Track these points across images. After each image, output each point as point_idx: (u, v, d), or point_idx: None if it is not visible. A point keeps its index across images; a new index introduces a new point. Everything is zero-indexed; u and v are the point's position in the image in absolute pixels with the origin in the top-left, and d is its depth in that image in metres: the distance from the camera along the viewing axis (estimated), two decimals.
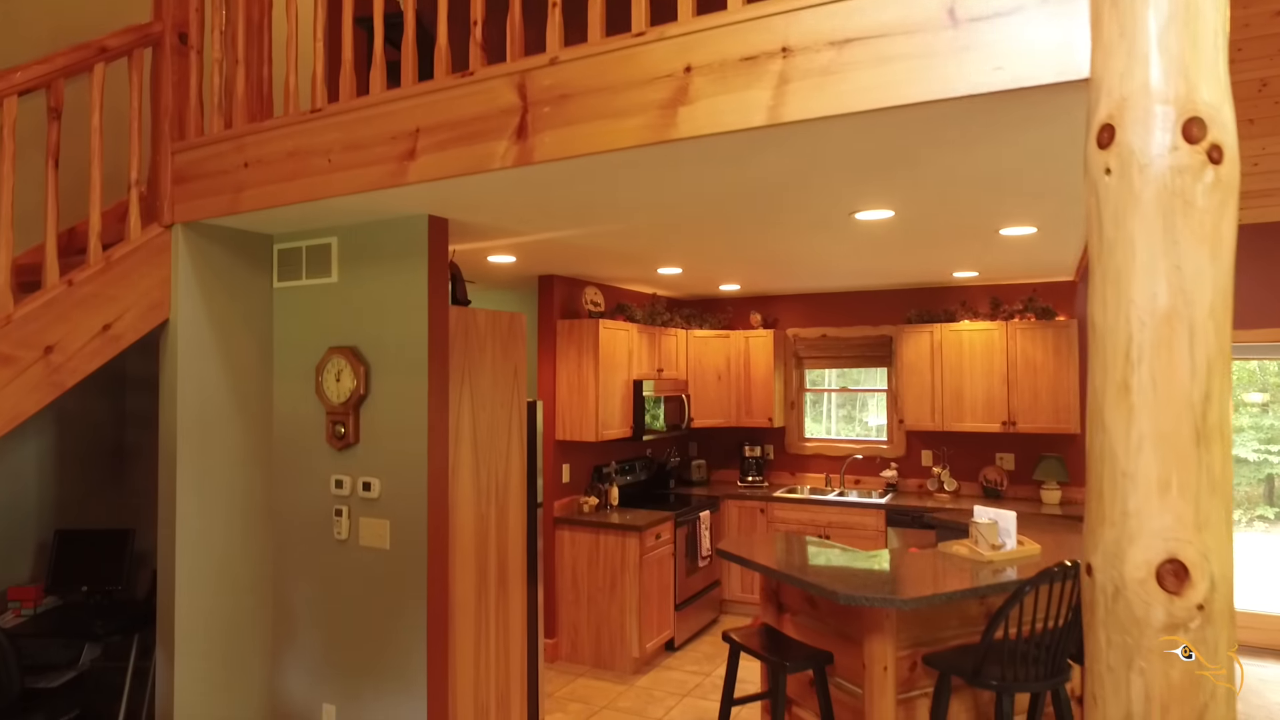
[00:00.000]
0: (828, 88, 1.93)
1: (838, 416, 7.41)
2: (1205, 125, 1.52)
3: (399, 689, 3.08)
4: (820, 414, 7.15)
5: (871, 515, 5.30)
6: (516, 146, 2.36)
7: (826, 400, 6.38)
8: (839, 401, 6.61)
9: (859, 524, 5.33)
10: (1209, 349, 1.51)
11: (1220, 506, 1.52)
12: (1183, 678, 1.51)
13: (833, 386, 6.30)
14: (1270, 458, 12.30)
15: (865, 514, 5.32)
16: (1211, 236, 1.52)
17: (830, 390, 6.31)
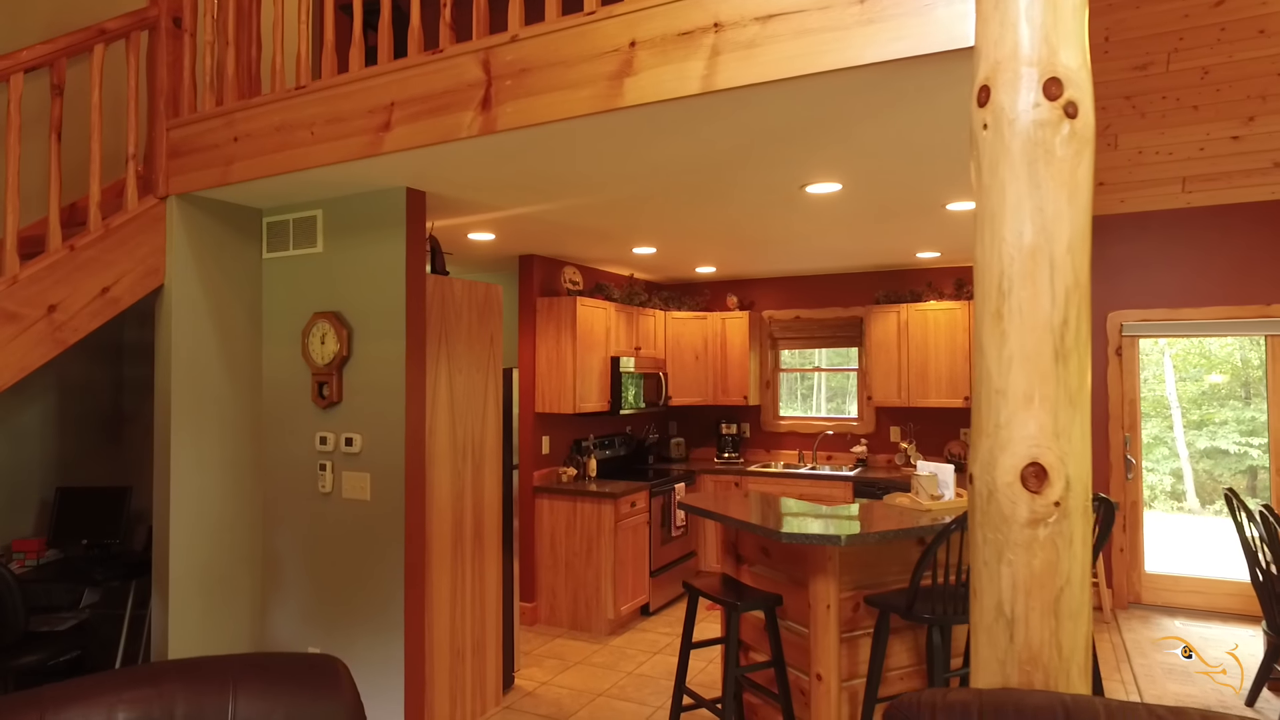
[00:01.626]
0: (753, 59, 2.16)
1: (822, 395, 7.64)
2: (1063, 84, 1.74)
3: (378, 630, 3.30)
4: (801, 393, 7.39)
5: (840, 488, 5.52)
6: (481, 117, 2.58)
7: (816, 380, 6.61)
8: (819, 380, 6.84)
9: (828, 496, 5.55)
10: (1066, 280, 1.74)
11: (1077, 417, 1.74)
12: (1043, 566, 1.74)
13: (808, 366, 6.53)
14: (1250, 450, 12.53)
15: (834, 486, 5.55)
16: (1070, 182, 1.75)
17: (804, 370, 6.54)
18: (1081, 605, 1.75)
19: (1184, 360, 10.75)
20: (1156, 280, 5.21)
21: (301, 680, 1.59)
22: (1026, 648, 1.75)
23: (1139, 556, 5.28)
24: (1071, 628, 1.75)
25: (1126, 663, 4.29)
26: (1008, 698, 1.53)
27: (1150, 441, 11.86)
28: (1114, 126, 4.93)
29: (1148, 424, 11.96)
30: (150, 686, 1.50)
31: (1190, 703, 3.76)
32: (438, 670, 3.46)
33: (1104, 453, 5.31)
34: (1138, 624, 4.94)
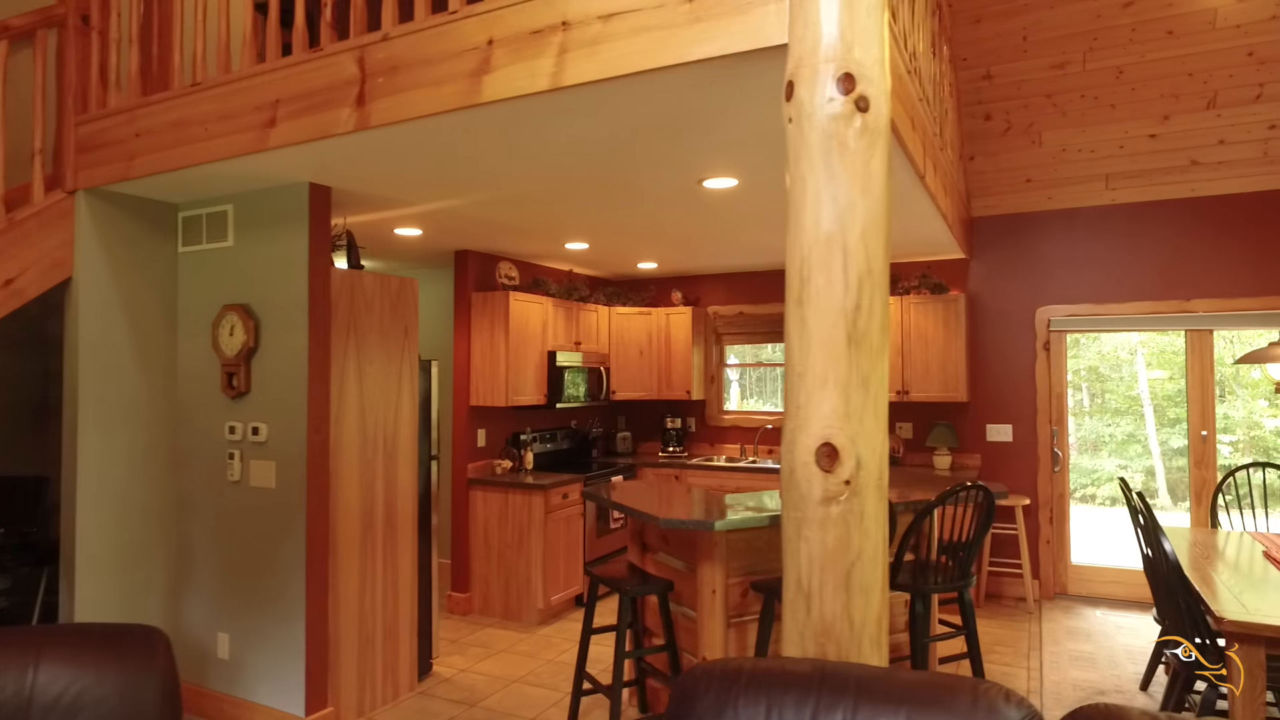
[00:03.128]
0: (597, 56, 2.24)
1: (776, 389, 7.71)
2: (855, 80, 1.82)
3: (281, 616, 3.38)
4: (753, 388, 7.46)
5: (776, 480, 5.60)
6: (357, 113, 2.66)
7: (765, 374, 6.68)
8: (766, 376, 6.91)
9: (765, 488, 5.62)
10: (859, 267, 1.82)
11: (868, 399, 1.82)
12: (835, 542, 1.82)
13: (750, 361, 6.60)
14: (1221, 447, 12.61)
15: (770, 479, 5.63)
16: (863, 173, 1.83)
17: (746, 365, 6.62)
18: (873, 580, 1.83)
19: (1161, 358, 10.85)
20: (1083, 276, 5.30)
21: (113, 652, 1.65)
22: (821, 620, 1.82)
23: (1065, 548, 5.37)
24: (863, 602, 1.82)
25: (1037, 651, 4.37)
26: (775, 665, 1.61)
27: (1124, 439, 11.95)
28: (1037, 124, 5.01)
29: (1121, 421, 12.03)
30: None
31: (1088, 687, 3.84)
32: (344, 655, 3.53)
33: (1032, 446, 5.40)
34: (1060, 614, 5.02)
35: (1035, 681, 3.93)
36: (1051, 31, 4.60)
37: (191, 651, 3.65)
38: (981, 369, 5.56)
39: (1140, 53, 4.52)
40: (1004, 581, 5.42)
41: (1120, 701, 3.66)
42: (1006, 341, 5.50)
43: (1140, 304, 5.13)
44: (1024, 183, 5.33)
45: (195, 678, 3.63)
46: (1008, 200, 5.45)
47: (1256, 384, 12.07)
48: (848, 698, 1.48)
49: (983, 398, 5.54)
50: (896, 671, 1.53)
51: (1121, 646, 4.39)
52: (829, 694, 1.50)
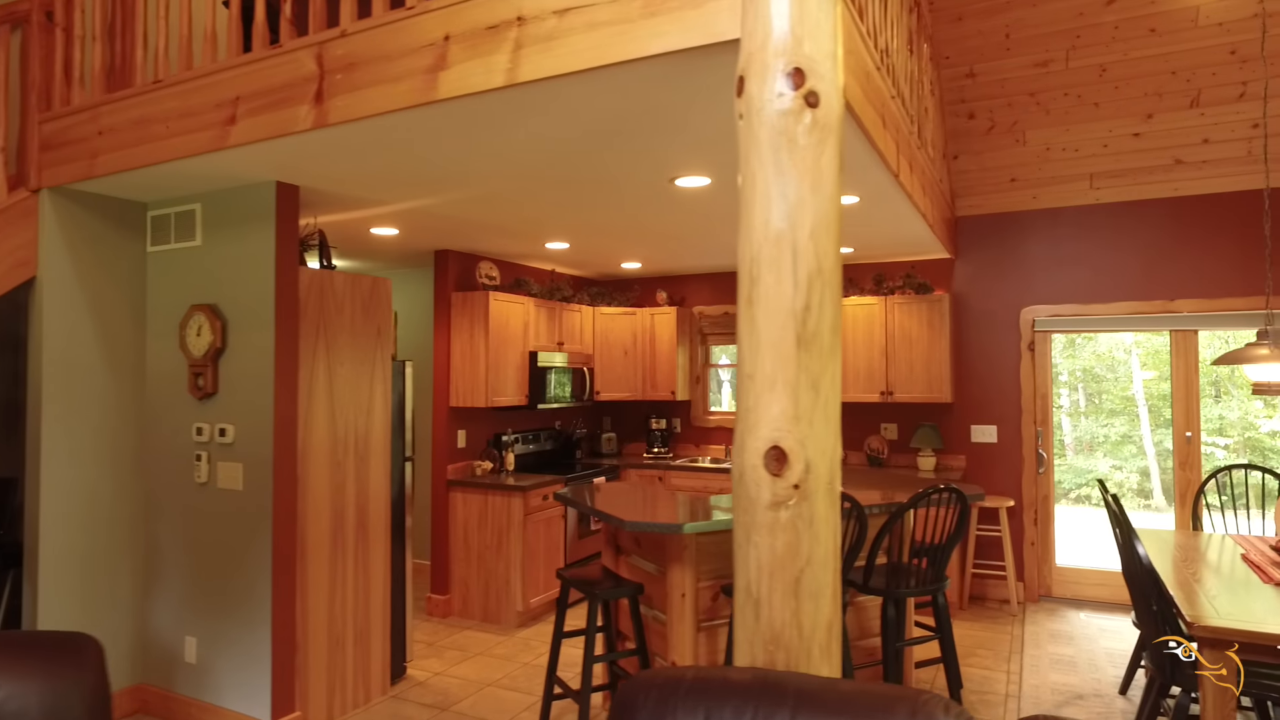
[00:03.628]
0: (552, 51, 2.20)
1: None
2: (805, 75, 1.78)
3: (248, 619, 3.34)
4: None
5: None
6: (315, 110, 2.62)
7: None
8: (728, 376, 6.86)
9: None
10: (809, 266, 1.78)
11: (819, 401, 1.78)
12: (784, 547, 1.78)
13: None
14: (1216, 449, 12.59)
15: None
16: (813, 170, 1.79)
17: (732, 366, 6.57)
18: (823, 586, 1.79)
19: (1156, 358, 10.81)
20: (1068, 276, 5.26)
21: (38, 661, 1.62)
22: (770, 627, 1.78)
23: (1050, 550, 5.33)
24: (812, 608, 1.78)
25: (1019, 654, 4.34)
26: (716, 675, 1.57)
27: (1118, 440, 11.93)
28: (1021, 123, 4.98)
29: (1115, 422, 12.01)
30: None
31: (1068, 691, 3.80)
32: (313, 659, 3.49)
33: (1016, 447, 5.36)
34: (1043, 616, 4.98)
35: (1014, 685, 3.89)
36: (1034, 29, 4.56)
37: (159, 655, 3.61)
38: (966, 370, 5.52)
39: (1123, 51, 4.48)
40: (988, 584, 5.38)
41: (1099, 706, 3.62)
42: (991, 342, 5.46)
43: (1125, 304, 5.09)
44: (1008, 182, 5.29)
45: (163, 681, 3.59)
46: (992, 200, 5.41)
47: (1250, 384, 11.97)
48: (785, 708, 1.44)
49: (968, 398, 5.50)
50: (837, 682, 1.49)
51: (1103, 650, 4.35)
52: (767, 704, 1.46)
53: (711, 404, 6.56)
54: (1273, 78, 4.32)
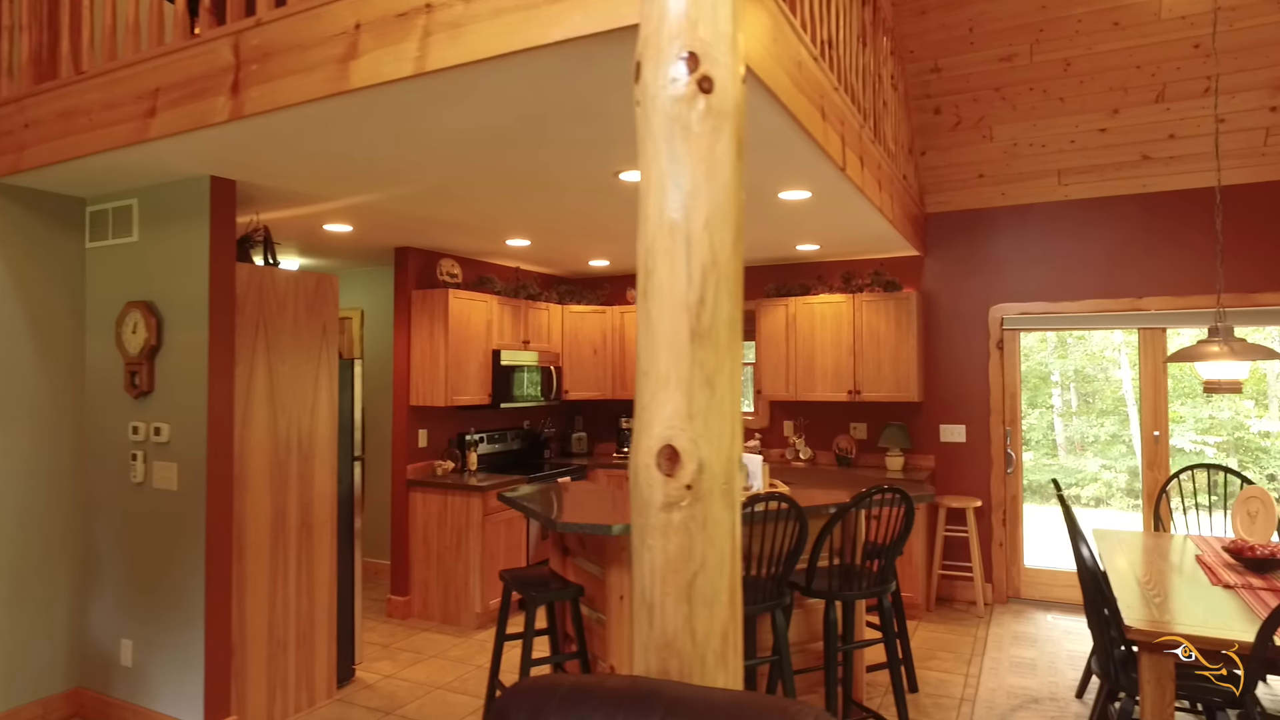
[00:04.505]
0: (459, 39, 2.13)
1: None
2: (699, 59, 1.71)
3: (182, 621, 3.27)
4: None
5: None
6: (232, 101, 2.55)
7: None
8: None
9: None
10: (704, 258, 1.71)
11: (714, 399, 1.71)
12: (677, 551, 1.71)
13: None
14: (1206, 448, 12.51)
15: None
16: (707, 158, 1.72)
17: None
18: (718, 592, 1.72)
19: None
20: (1037, 273, 5.19)
21: None
22: (663, 633, 1.72)
23: (1019, 551, 5.26)
24: (706, 614, 1.72)
25: (980, 657, 4.27)
26: (591, 683, 1.50)
27: (1108, 440, 11.84)
28: (987, 118, 4.91)
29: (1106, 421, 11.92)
30: None
31: (1024, 695, 3.73)
32: (252, 662, 3.43)
33: (985, 447, 5.29)
34: (1009, 618, 4.92)
35: (971, 689, 3.83)
36: (997, 23, 4.50)
37: (95, 658, 3.55)
38: (936, 369, 5.45)
39: (1087, 44, 4.41)
40: (956, 585, 5.31)
41: (1053, 710, 3.56)
42: (960, 340, 5.39)
43: (1093, 302, 5.03)
44: (976, 178, 5.23)
45: (99, 685, 3.53)
46: (961, 196, 5.34)
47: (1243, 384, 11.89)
48: (655, 716, 1.38)
49: (937, 398, 5.44)
50: (711, 692, 1.43)
51: (1065, 652, 4.28)
52: (638, 713, 1.40)
53: None
54: (1229, 73, 4.26)
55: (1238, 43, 4.16)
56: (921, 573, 4.98)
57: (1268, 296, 4.61)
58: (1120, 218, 4.97)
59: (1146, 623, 2.50)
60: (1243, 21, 4.08)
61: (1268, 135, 4.45)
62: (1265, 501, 3.31)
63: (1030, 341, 11.56)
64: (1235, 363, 3.01)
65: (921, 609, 5.00)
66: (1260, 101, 4.33)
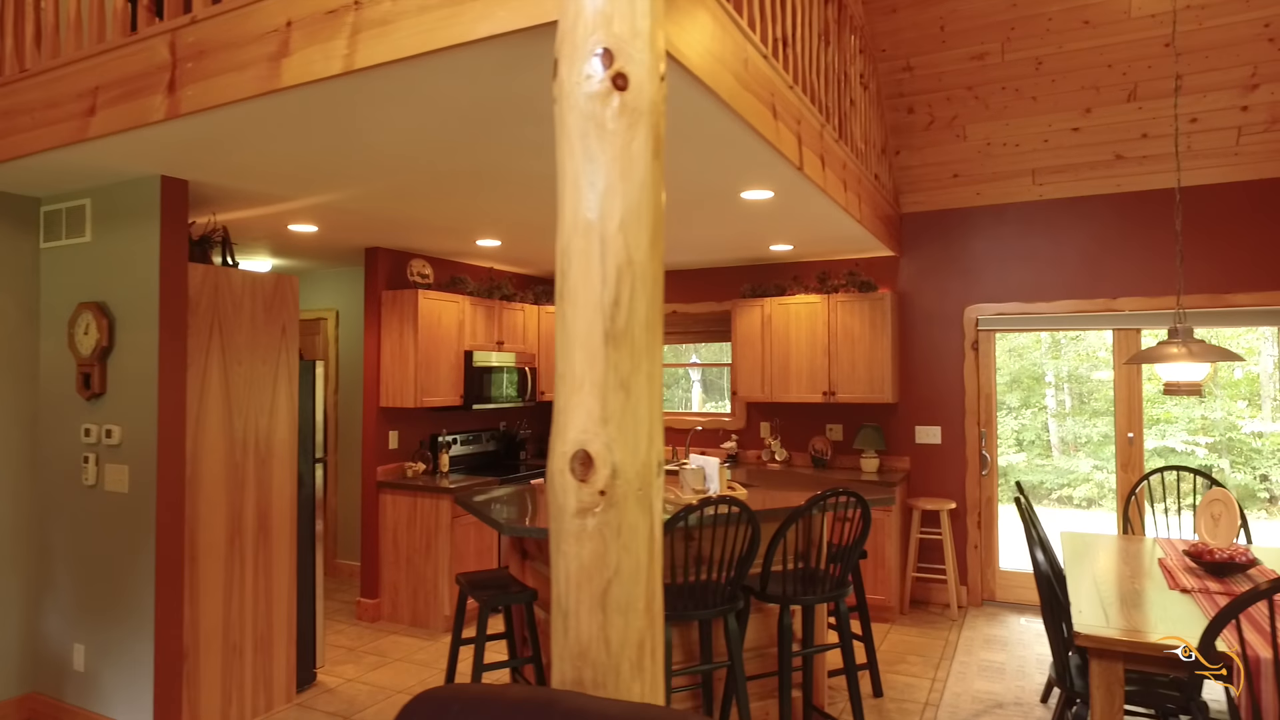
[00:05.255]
0: (386, 37, 2.10)
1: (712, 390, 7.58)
2: (613, 56, 1.68)
3: (134, 626, 3.24)
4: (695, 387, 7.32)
5: None
6: (169, 100, 2.52)
7: (704, 374, 6.54)
8: (710, 375, 6.76)
9: None
10: (619, 258, 1.68)
11: (629, 403, 1.67)
12: (591, 557, 1.67)
13: (685, 361, 6.46)
14: (1197, 449, 12.47)
15: None
16: (622, 157, 1.68)
17: (680, 365, 6.47)
18: (633, 600, 1.69)
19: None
20: (1012, 274, 5.16)
21: None
22: (578, 641, 1.68)
23: (994, 553, 5.22)
24: (621, 623, 1.68)
25: (949, 660, 4.23)
26: (490, 693, 1.47)
27: (1100, 440, 11.76)
28: (961, 117, 4.88)
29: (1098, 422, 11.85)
30: None
31: (989, 699, 3.70)
32: (206, 666, 3.39)
33: (960, 448, 5.25)
34: (983, 621, 4.88)
35: (936, 694, 3.79)
36: (968, 21, 4.46)
37: (48, 663, 3.51)
38: (911, 370, 5.42)
39: (1058, 43, 4.38)
40: (931, 588, 5.28)
41: (1017, 715, 3.52)
42: (936, 341, 5.36)
43: (1068, 302, 4.99)
44: (951, 178, 5.19)
45: (52, 690, 3.49)
46: (936, 196, 5.31)
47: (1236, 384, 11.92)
48: None
49: (912, 399, 5.40)
50: (607, 703, 1.39)
51: (1035, 656, 4.25)
52: None
53: (667, 403, 6.45)
54: (1200, 72, 4.22)
55: (1207, 41, 4.12)
56: (895, 575, 4.94)
57: (1243, 297, 4.58)
58: (1095, 218, 4.94)
59: (1095, 628, 2.47)
60: (1211, 20, 4.04)
61: (1240, 135, 4.41)
62: (1228, 504, 3.27)
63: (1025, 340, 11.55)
64: (1193, 364, 2.97)
65: (895, 612, 4.96)
66: (1231, 101, 4.29)
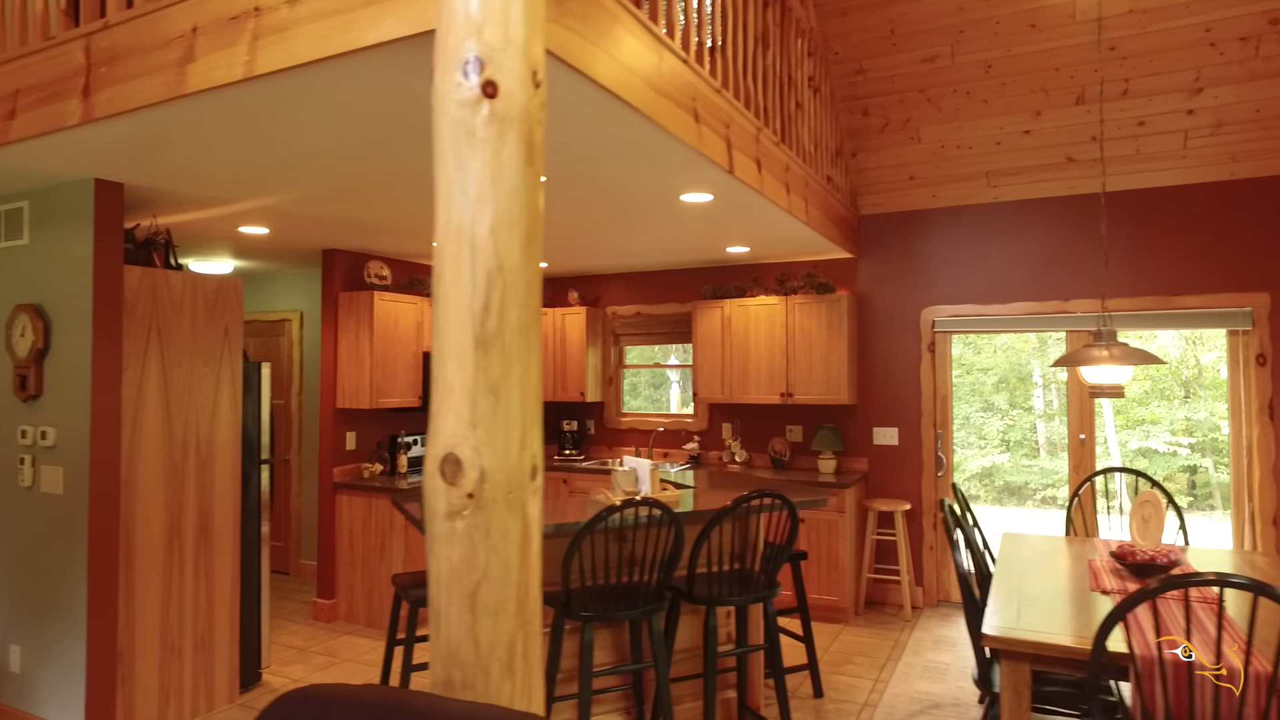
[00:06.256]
0: (284, 43, 2.11)
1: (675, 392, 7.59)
2: (483, 64, 1.70)
3: (67, 627, 3.25)
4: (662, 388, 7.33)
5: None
6: (84, 104, 2.53)
7: (673, 375, 6.55)
8: (676, 377, 6.78)
9: None
10: (489, 264, 1.69)
11: (500, 407, 1.69)
12: (460, 559, 1.69)
13: (648, 362, 6.48)
14: (1179, 449, 12.46)
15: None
16: (492, 164, 1.70)
17: (643, 366, 6.49)
18: (503, 602, 1.71)
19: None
20: (968, 276, 5.18)
21: None
22: (448, 642, 1.70)
23: (949, 554, 5.24)
24: (490, 624, 1.70)
25: (896, 661, 4.25)
26: (346, 694, 1.48)
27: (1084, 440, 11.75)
28: (914, 120, 4.89)
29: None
30: None
31: (927, 700, 3.72)
32: (142, 667, 3.41)
33: (917, 449, 5.27)
34: (935, 622, 4.90)
35: (877, 695, 3.81)
36: (917, 24, 4.48)
37: None
38: (869, 371, 5.44)
39: (1006, 46, 4.40)
40: (887, 589, 5.30)
41: (953, 716, 3.54)
42: (893, 343, 5.38)
43: (1022, 304, 5.01)
44: (908, 180, 5.21)
45: None
46: (894, 198, 5.33)
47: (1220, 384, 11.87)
48: None
49: (871, 400, 5.42)
50: (451, 705, 1.41)
51: None
52: None
53: (625, 405, 6.47)
54: (1145, 76, 4.24)
55: (1150, 46, 4.14)
56: (849, 576, 4.96)
57: (1193, 299, 4.60)
58: (1048, 220, 4.96)
59: (1003, 629, 2.49)
60: (1154, 25, 4.06)
61: (1187, 138, 4.43)
62: (1156, 506, 3.29)
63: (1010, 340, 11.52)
64: (1115, 367, 2.99)
65: (850, 613, 4.98)
66: (1177, 104, 4.31)
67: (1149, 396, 12.48)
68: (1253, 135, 4.31)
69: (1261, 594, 1.92)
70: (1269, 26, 3.90)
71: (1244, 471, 4.56)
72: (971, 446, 12.75)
